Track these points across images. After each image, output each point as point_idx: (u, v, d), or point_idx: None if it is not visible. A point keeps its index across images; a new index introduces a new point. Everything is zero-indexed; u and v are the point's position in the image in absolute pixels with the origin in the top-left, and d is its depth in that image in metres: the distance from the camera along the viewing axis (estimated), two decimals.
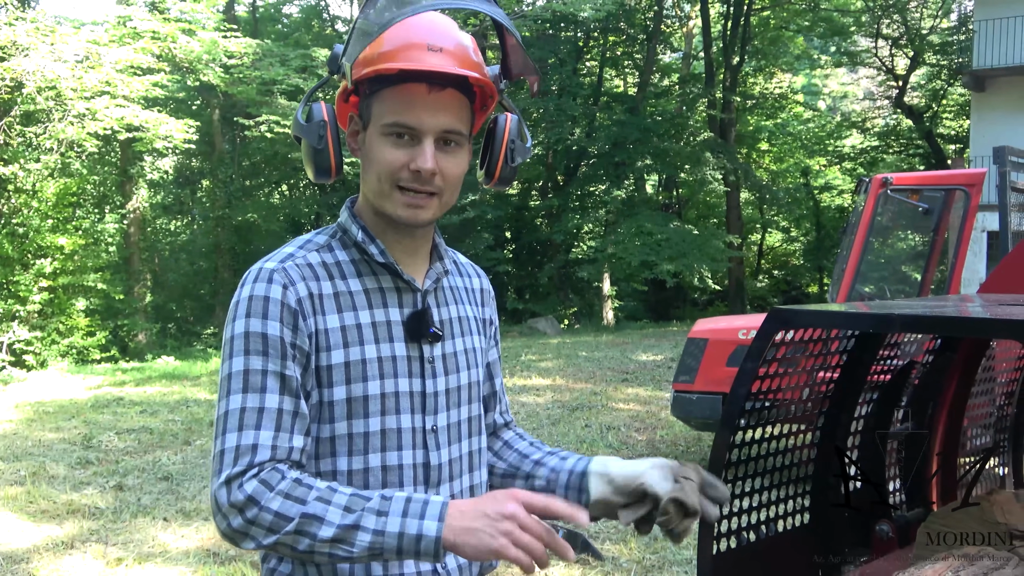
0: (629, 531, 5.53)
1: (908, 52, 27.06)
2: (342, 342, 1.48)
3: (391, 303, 1.55)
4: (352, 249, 1.56)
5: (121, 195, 21.77)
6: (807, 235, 31.75)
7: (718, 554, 2.15)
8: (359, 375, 1.49)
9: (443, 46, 1.47)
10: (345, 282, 1.52)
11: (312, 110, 1.53)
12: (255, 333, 1.43)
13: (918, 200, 6.77)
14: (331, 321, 1.48)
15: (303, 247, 1.54)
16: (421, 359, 1.56)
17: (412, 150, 1.48)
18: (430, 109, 1.47)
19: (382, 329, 1.52)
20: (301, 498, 1.36)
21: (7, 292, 15.51)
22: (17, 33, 14.82)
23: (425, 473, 1.54)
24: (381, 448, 1.51)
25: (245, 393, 1.42)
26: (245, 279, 1.49)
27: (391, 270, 1.55)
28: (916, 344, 2.74)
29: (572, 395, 10.74)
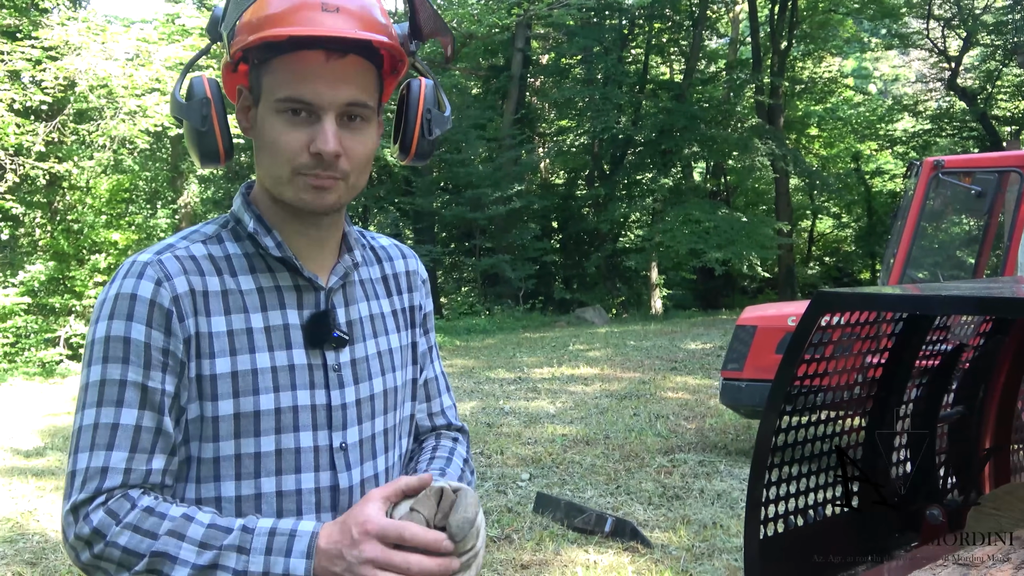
0: (679, 519, 5.52)
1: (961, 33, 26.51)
2: (229, 349, 1.29)
3: (289, 304, 1.35)
4: (245, 241, 1.36)
5: (172, 190, 22.09)
6: (858, 221, 31.29)
7: (765, 539, 2.14)
8: (249, 387, 1.29)
9: (340, 4, 1.26)
10: (235, 279, 1.33)
11: (193, 85, 1.32)
12: (116, 337, 1.25)
13: (971, 183, 6.64)
14: (216, 324, 1.29)
15: (187, 237, 1.35)
16: (325, 367, 1.36)
17: (311, 129, 1.27)
18: (329, 80, 1.27)
19: (277, 334, 1.32)
20: (152, 531, 1.20)
21: (63, 287, 15.81)
22: (69, 33, 15.08)
23: (333, 498, 1.35)
24: (276, 471, 1.31)
25: (99, 407, 1.24)
26: (116, 274, 1.30)
27: (289, 266, 1.36)
28: (966, 327, 2.70)
29: (620, 384, 10.71)
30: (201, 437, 1.30)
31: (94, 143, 16.84)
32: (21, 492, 6.62)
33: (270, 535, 1.21)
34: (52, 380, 13.91)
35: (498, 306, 22.11)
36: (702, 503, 5.89)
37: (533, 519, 5.57)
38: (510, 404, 9.53)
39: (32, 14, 15.55)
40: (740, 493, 6.06)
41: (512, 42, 24.14)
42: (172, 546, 1.20)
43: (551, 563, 4.84)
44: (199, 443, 1.30)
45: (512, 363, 13.00)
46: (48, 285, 15.67)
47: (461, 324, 19.42)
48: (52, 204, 16.61)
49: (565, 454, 7.24)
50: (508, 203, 21.87)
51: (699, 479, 6.46)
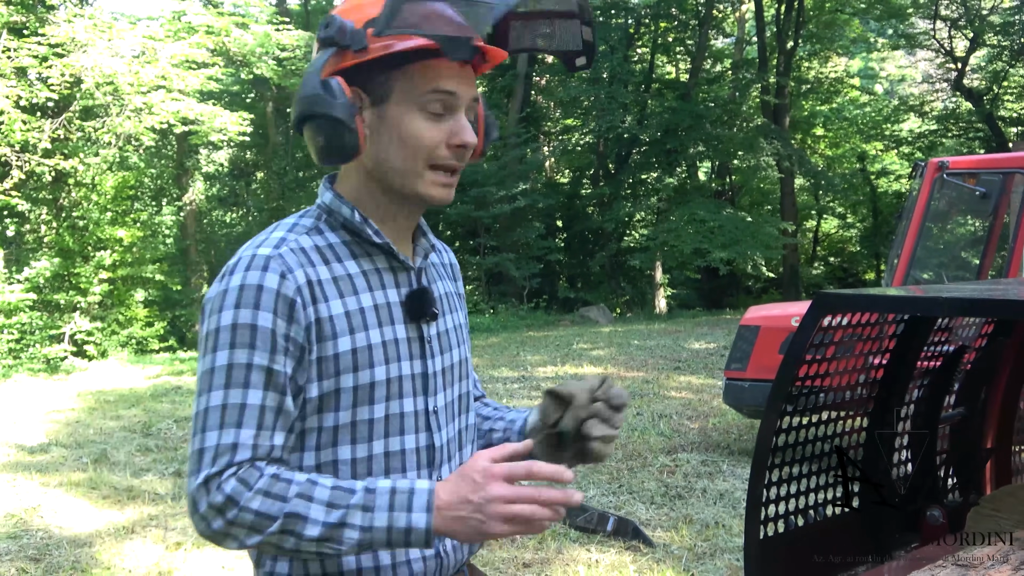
0: (682, 519, 5.53)
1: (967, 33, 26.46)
2: (348, 328, 1.41)
3: (388, 284, 1.49)
4: (341, 231, 1.49)
5: (178, 188, 22.15)
6: (864, 221, 31.26)
7: (765, 538, 2.15)
8: (366, 361, 1.42)
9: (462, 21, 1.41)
10: (341, 265, 1.45)
11: (333, 87, 1.41)
12: (243, 325, 1.35)
13: (975, 184, 6.63)
14: (334, 308, 1.41)
15: (292, 230, 1.46)
16: (421, 340, 1.51)
17: (448, 125, 1.43)
18: (463, 79, 1.44)
19: (383, 311, 1.46)
20: (281, 495, 1.31)
21: (69, 284, 15.85)
22: (75, 30, 15.11)
23: (429, 455, 1.50)
24: (385, 434, 1.45)
25: (227, 389, 1.35)
26: (234, 266, 1.40)
27: (386, 250, 1.49)
28: (968, 328, 2.70)
29: (624, 383, 10.71)
30: (322, 409, 1.42)
31: (100, 140, 16.86)
32: (25, 488, 6.64)
33: (391, 494, 1.32)
34: (56, 377, 13.95)
35: (502, 304, 22.12)
36: (704, 503, 5.89)
37: None
38: (514, 403, 9.54)
39: (39, 11, 15.58)
40: (742, 493, 6.06)
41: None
42: (302, 507, 1.31)
43: (553, 562, 4.85)
44: (319, 415, 1.43)
45: (516, 362, 13.00)
46: (53, 281, 15.70)
47: None
48: (57, 201, 16.65)
49: None
50: (513, 202, 21.88)
51: (702, 479, 6.46)
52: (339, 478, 1.39)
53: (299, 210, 1.56)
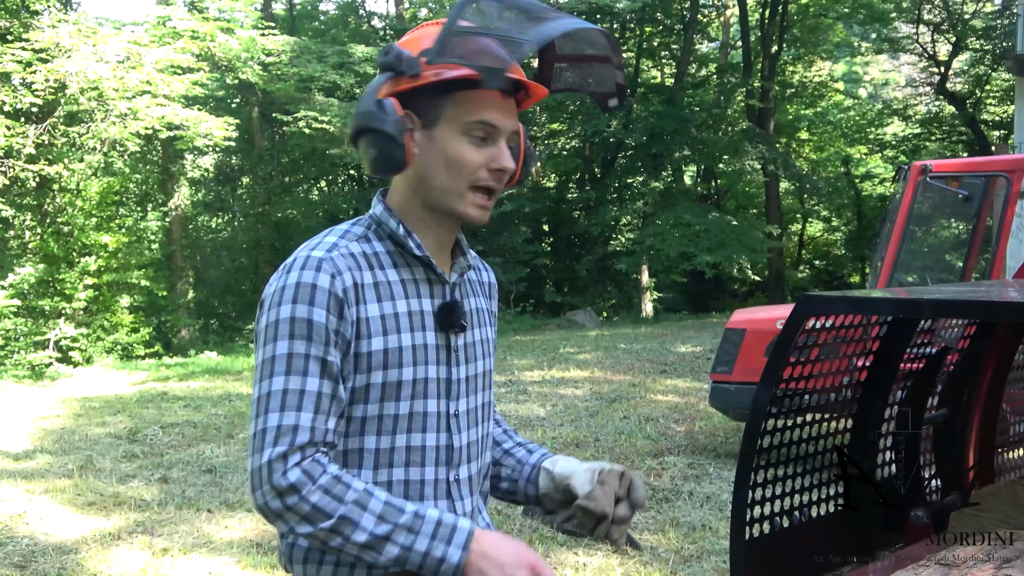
0: (668, 521, 5.54)
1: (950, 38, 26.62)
2: (382, 330, 1.55)
3: (424, 294, 1.62)
4: (387, 241, 1.62)
5: (163, 193, 22.05)
6: (848, 224, 31.38)
7: (751, 539, 2.17)
8: (395, 361, 1.56)
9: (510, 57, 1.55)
10: (384, 272, 1.59)
11: (385, 105, 1.56)
12: (301, 319, 1.49)
13: (958, 187, 6.68)
14: (372, 310, 1.55)
15: (344, 237, 1.60)
16: (448, 348, 1.64)
17: (490, 150, 1.57)
18: (505, 112, 1.59)
19: (416, 318, 1.60)
20: (339, 496, 1.45)
21: (54, 290, 15.77)
22: (60, 35, 15.06)
23: (448, 455, 1.63)
24: (408, 430, 1.58)
25: (288, 375, 1.48)
26: (291, 265, 1.54)
27: (425, 263, 1.62)
28: (951, 330, 2.73)
29: (610, 387, 10.74)
30: (354, 401, 1.56)
31: (84, 145, 16.80)
32: (10, 495, 6.61)
33: (437, 524, 1.48)
34: (42, 383, 13.87)
35: None
36: (691, 505, 5.91)
37: (523, 521, 5.58)
38: (500, 407, 9.54)
39: (23, 16, 15.53)
40: (729, 496, 6.07)
41: None
42: (356, 513, 1.45)
43: None
44: (351, 406, 1.57)
45: (502, 366, 13.01)
46: (38, 287, 15.63)
47: None
48: (42, 206, 16.58)
49: None
50: (499, 206, 21.86)
51: (688, 481, 6.48)
52: (363, 466, 1.57)
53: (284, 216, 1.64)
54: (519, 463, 1.82)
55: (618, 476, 1.69)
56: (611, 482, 1.68)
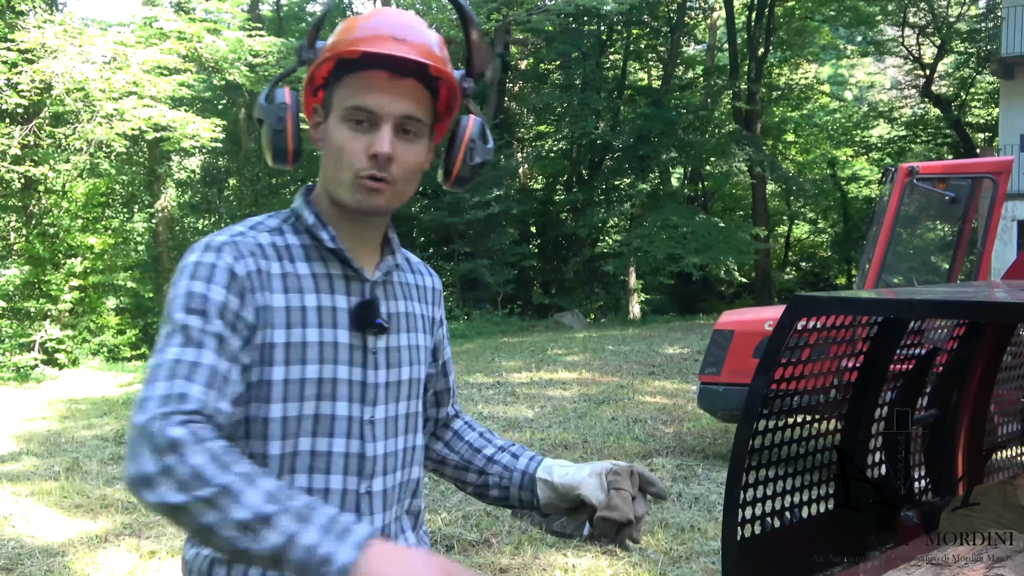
0: (657, 523, 5.55)
1: (935, 40, 26.81)
2: (286, 322, 1.46)
3: (338, 290, 1.53)
4: (304, 235, 1.55)
5: (149, 194, 21.96)
6: (834, 226, 31.56)
7: (743, 540, 2.17)
8: (299, 357, 1.46)
9: (407, 38, 1.47)
10: (293, 264, 1.50)
11: (275, 93, 1.54)
12: (198, 294, 1.40)
13: (945, 189, 6.72)
14: (277, 300, 1.46)
15: (254, 228, 1.54)
16: (364, 349, 1.53)
17: (370, 136, 1.47)
18: (390, 94, 1.47)
19: (327, 314, 1.50)
20: (227, 464, 1.25)
21: (39, 291, 15.69)
22: (46, 35, 14.98)
23: (359, 464, 1.51)
24: (313, 433, 1.47)
25: (183, 347, 1.36)
26: (192, 249, 1.47)
27: (340, 257, 1.54)
28: (940, 331, 2.74)
29: (599, 388, 10.75)
30: (257, 398, 1.46)
31: (70, 146, 16.71)
32: None
33: (332, 519, 1.23)
34: (27, 385, 13.80)
35: (477, 311, 22.11)
36: (680, 507, 5.92)
37: (512, 523, 5.57)
38: (489, 409, 9.54)
39: (8, 16, 15.44)
40: (718, 497, 6.09)
41: (491, 47, 24.15)
42: (240, 484, 1.23)
43: (530, 567, 4.86)
44: (256, 403, 1.46)
45: (491, 368, 13.01)
46: (23, 289, 15.55)
47: None
48: (27, 208, 16.48)
49: None
50: (487, 208, 21.89)
51: (677, 483, 6.49)
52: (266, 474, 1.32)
53: None
54: (507, 470, 1.73)
55: (628, 475, 1.64)
56: (624, 485, 1.62)
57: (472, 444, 1.80)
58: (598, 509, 1.60)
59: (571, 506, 1.65)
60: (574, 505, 1.65)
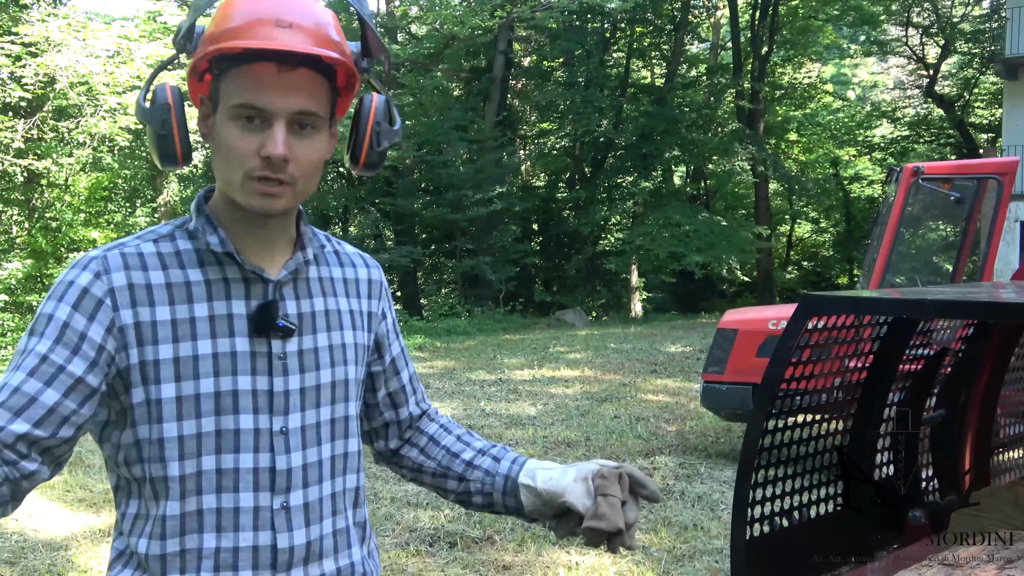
0: (660, 521, 5.55)
1: (939, 40, 26.77)
2: (171, 336, 1.37)
3: (235, 295, 1.42)
4: (197, 239, 1.44)
5: (152, 189, 21.96)
6: (837, 226, 31.54)
7: (751, 539, 2.17)
8: (189, 372, 1.37)
9: (294, 21, 1.34)
10: (183, 272, 1.40)
11: (156, 92, 1.40)
12: (44, 315, 1.34)
13: (949, 189, 6.72)
14: (160, 313, 1.37)
15: (140, 237, 1.44)
16: (269, 355, 1.43)
17: (262, 135, 1.35)
18: (280, 89, 1.34)
19: (221, 323, 1.40)
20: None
21: (41, 285, 15.73)
22: (49, 29, 14.99)
23: (271, 478, 1.41)
24: (216, 450, 1.38)
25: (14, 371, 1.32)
26: (71, 264, 1.40)
27: (232, 260, 1.42)
28: (948, 331, 2.74)
29: (601, 386, 10.75)
30: (149, 419, 1.37)
31: (74, 140, 16.74)
32: None
33: None
34: None
35: (478, 308, 22.12)
36: (683, 505, 5.92)
37: (515, 521, 5.58)
38: (491, 406, 9.55)
39: (12, 10, 15.45)
40: (720, 495, 6.10)
41: (494, 44, 24.17)
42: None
43: (533, 564, 4.86)
44: (147, 425, 1.37)
45: (493, 365, 13.01)
46: (25, 283, 15.58)
47: (441, 326, 19.41)
48: (30, 201, 16.51)
49: (546, 456, 7.25)
50: (489, 205, 21.89)
51: (680, 481, 6.49)
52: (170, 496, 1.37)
53: None
54: (488, 475, 1.63)
55: (616, 479, 1.50)
56: (612, 490, 1.49)
57: (450, 449, 1.69)
58: (585, 518, 1.49)
59: (557, 512, 1.56)
60: (560, 512, 1.55)
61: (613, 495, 1.48)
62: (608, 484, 1.49)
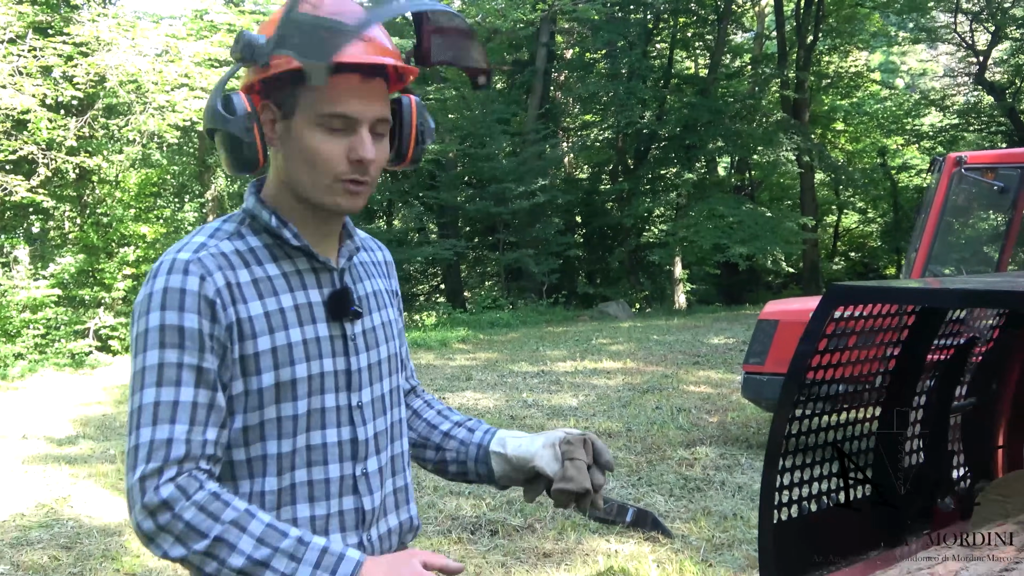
0: (700, 511, 5.59)
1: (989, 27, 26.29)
2: (267, 328, 1.47)
3: (310, 285, 1.54)
4: (263, 235, 1.54)
5: (200, 184, 22.31)
6: (885, 216, 31.13)
7: (779, 523, 2.22)
8: (287, 359, 1.48)
9: (371, 35, 1.46)
10: (262, 267, 1.50)
11: (233, 101, 1.47)
12: (171, 326, 1.41)
13: (993, 178, 6.66)
14: (254, 308, 1.47)
15: (213, 236, 1.51)
16: (344, 337, 1.56)
17: (348, 140, 1.47)
18: (364, 98, 1.46)
19: (304, 311, 1.51)
20: (216, 515, 1.36)
21: (93, 280, 16.02)
22: (99, 29, 15.28)
23: (353, 449, 1.56)
24: (308, 428, 1.51)
25: (159, 387, 1.40)
26: (157, 270, 1.46)
27: (306, 252, 1.54)
28: (980, 320, 2.75)
29: (643, 378, 10.78)
30: (247, 408, 1.48)
31: (124, 137, 17.05)
32: (55, 479, 6.78)
33: (322, 552, 1.37)
34: (82, 371, 14.13)
35: (521, 300, 22.18)
36: (723, 495, 5.95)
37: (555, 510, 5.65)
38: (533, 397, 9.62)
39: (63, 11, 15.76)
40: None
41: (536, 37, 24.17)
42: (233, 535, 1.35)
43: (573, 552, 4.93)
44: (245, 413, 1.48)
45: (535, 357, 13.08)
46: (78, 277, 15.88)
47: (485, 318, 19.51)
48: (82, 198, 16.84)
49: None
50: (532, 198, 21.92)
51: (720, 471, 6.52)
52: (267, 473, 1.48)
53: None
54: (463, 444, 1.76)
55: (581, 444, 1.65)
56: (579, 454, 1.63)
57: (430, 422, 1.83)
58: (554, 480, 1.62)
59: (527, 477, 1.68)
60: (529, 476, 1.68)
61: (579, 459, 1.63)
62: (574, 449, 1.64)
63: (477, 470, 1.75)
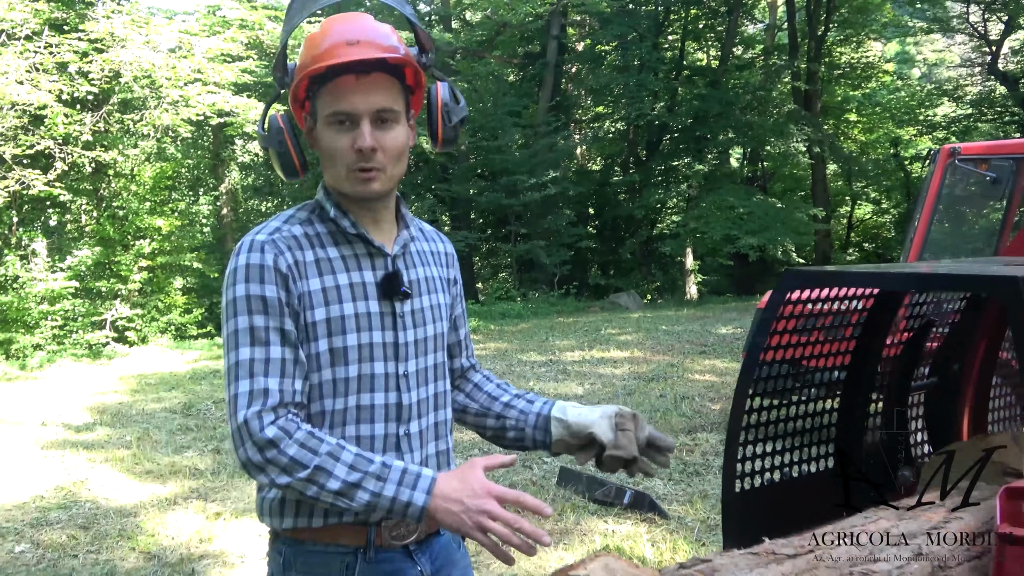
0: (697, 494, 5.74)
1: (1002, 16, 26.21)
2: (324, 301, 1.71)
3: (365, 267, 1.78)
4: (329, 223, 1.79)
5: (214, 178, 22.55)
6: (898, 207, 31.09)
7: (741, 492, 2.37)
8: (339, 329, 1.72)
9: (360, 39, 1.69)
10: (324, 250, 1.75)
11: (269, 121, 1.80)
12: (255, 296, 1.67)
13: (987, 169, 6.76)
14: (314, 284, 1.71)
15: (287, 221, 1.77)
16: (393, 315, 1.79)
17: (353, 133, 1.70)
18: (361, 94, 1.69)
19: (358, 289, 1.75)
20: (314, 449, 1.61)
21: (109, 272, 16.24)
22: (114, 25, 15.48)
23: (397, 412, 1.79)
24: (358, 391, 1.74)
25: (252, 346, 1.66)
26: (239, 249, 1.71)
27: (363, 239, 1.78)
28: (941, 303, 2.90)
29: (649, 367, 10.91)
30: (309, 369, 1.72)
31: (138, 132, 17.27)
32: (73, 463, 6.99)
33: (403, 472, 1.63)
34: (99, 361, 14.36)
35: (533, 291, 22.31)
36: (720, 479, 6.08)
37: (556, 492, 5.82)
38: (540, 386, 9.77)
39: (78, 7, 15.98)
40: None
41: (547, 29, 24.27)
42: (330, 464, 1.61)
43: (572, 532, 5.09)
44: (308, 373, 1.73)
45: (544, 346, 13.23)
46: (95, 269, 16.10)
47: (496, 309, 19.65)
48: (98, 191, 17.06)
49: None
50: (543, 189, 22.03)
51: (719, 457, 6.65)
52: (322, 425, 1.72)
53: None
54: (522, 413, 1.97)
55: (631, 418, 1.88)
56: (629, 426, 1.86)
57: (491, 394, 2.05)
58: (607, 448, 1.86)
59: (581, 443, 1.91)
60: (584, 443, 1.91)
61: (629, 430, 1.86)
62: (625, 421, 1.87)
63: (535, 436, 1.95)
